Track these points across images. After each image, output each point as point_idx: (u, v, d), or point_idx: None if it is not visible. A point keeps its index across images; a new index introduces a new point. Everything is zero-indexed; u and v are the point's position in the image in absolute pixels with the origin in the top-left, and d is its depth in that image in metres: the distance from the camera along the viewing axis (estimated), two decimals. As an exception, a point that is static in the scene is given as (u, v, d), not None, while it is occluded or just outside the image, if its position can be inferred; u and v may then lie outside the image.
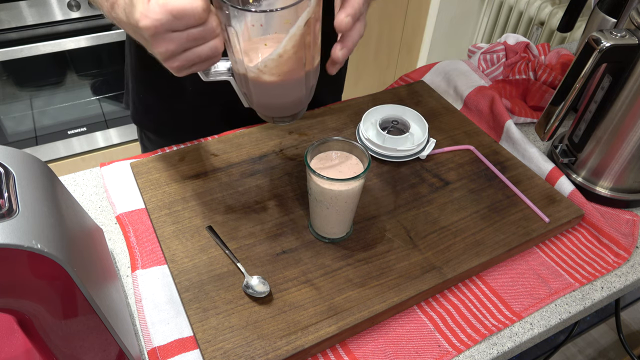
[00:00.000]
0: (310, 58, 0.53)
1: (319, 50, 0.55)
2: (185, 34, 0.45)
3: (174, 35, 0.45)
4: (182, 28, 0.45)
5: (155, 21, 0.43)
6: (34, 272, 0.36)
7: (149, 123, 0.87)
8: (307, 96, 0.58)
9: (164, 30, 0.44)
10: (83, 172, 0.72)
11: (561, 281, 0.61)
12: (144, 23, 0.44)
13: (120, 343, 0.45)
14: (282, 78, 0.53)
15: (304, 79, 0.54)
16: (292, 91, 0.55)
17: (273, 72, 0.52)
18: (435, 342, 0.54)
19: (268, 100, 0.56)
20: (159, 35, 0.45)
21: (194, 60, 0.48)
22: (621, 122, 0.65)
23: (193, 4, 0.43)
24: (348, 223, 0.60)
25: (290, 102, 0.57)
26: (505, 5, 1.88)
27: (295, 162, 0.71)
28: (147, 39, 0.46)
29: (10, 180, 0.38)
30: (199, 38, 0.46)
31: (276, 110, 0.59)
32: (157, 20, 0.43)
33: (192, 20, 0.44)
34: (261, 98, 0.56)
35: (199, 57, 0.48)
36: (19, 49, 1.43)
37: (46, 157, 1.71)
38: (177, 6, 0.43)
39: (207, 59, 0.48)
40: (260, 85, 0.54)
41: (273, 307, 0.54)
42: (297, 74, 0.53)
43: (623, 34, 0.60)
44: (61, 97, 1.65)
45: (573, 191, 0.69)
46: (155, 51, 0.47)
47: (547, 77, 0.86)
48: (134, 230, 0.62)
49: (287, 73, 0.52)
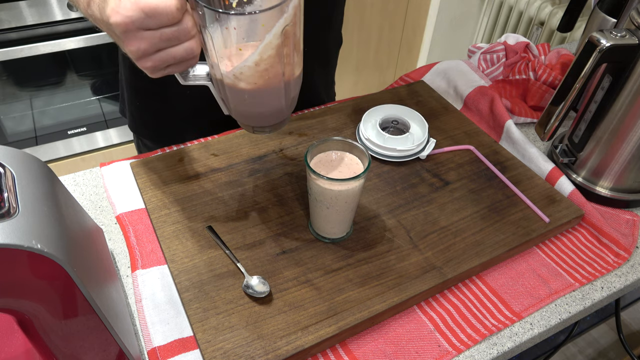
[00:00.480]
0: (289, 68, 0.52)
1: (300, 61, 0.54)
2: (159, 33, 0.44)
3: (146, 34, 0.44)
4: (154, 26, 0.44)
5: (126, 18, 0.43)
6: (34, 272, 0.36)
7: (147, 131, 0.87)
8: (287, 107, 0.56)
9: (135, 27, 0.43)
10: (83, 172, 0.72)
11: (561, 281, 0.61)
12: (115, 19, 0.43)
13: (120, 343, 0.45)
14: (258, 87, 0.51)
15: (282, 89, 0.53)
16: (270, 101, 0.54)
17: (249, 81, 0.50)
18: (435, 342, 0.54)
19: (245, 108, 0.55)
20: (130, 32, 0.44)
21: (167, 61, 0.47)
22: (621, 122, 0.65)
23: (166, 3, 0.42)
24: (348, 223, 0.60)
25: (269, 112, 0.56)
26: (505, 5, 1.88)
27: (295, 162, 0.71)
28: (119, 36, 0.45)
29: (10, 180, 0.38)
30: (172, 38, 0.45)
31: (254, 120, 0.57)
32: (128, 17, 0.43)
33: (165, 19, 0.43)
34: (238, 106, 0.55)
35: (173, 58, 0.46)
36: (19, 49, 1.43)
37: (46, 157, 1.71)
38: (149, 3, 0.42)
39: (182, 61, 0.47)
40: (237, 93, 0.52)
41: (273, 307, 0.54)
42: (275, 83, 0.52)
43: (623, 34, 0.60)
44: (61, 97, 1.65)
45: (573, 191, 0.69)
46: (127, 49, 0.46)
47: (547, 77, 0.86)
48: (134, 230, 0.62)
49: (264, 82, 0.51)
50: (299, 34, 0.50)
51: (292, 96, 0.55)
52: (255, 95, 0.52)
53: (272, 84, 0.51)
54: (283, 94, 0.53)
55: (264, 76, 0.50)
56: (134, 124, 0.88)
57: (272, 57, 0.48)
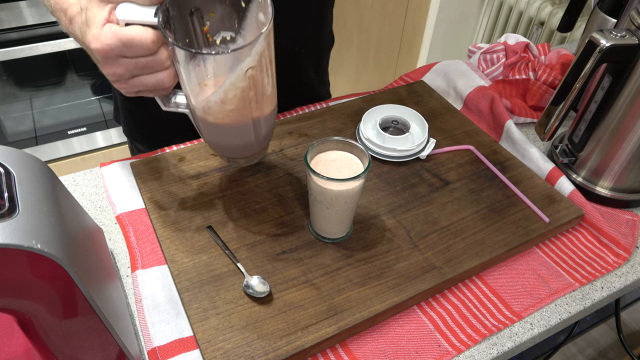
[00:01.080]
0: (257, 108, 0.53)
1: (272, 100, 0.56)
2: (134, 62, 0.47)
3: (122, 61, 0.47)
4: (131, 55, 0.47)
5: (105, 45, 0.46)
6: (34, 272, 0.36)
7: (141, 136, 0.87)
8: (258, 142, 0.58)
9: (113, 55, 0.47)
10: (83, 172, 0.72)
11: (561, 281, 0.61)
12: (95, 45, 0.46)
13: (120, 343, 0.45)
14: (225, 123, 0.53)
15: (251, 126, 0.55)
16: (238, 135, 0.56)
17: (216, 116, 0.52)
18: (435, 342, 0.54)
19: (215, 140, 0.57)
20: (109, 58, 0.47)
21: (139, 87, 0.50)
22: (621, 122, 0.65)
23: (143, 35, 0.45)
24: (348, 223, 0.60)
25: (238, 146, 0.57)
26: (505, 5, 1.88)
27: (295, 162, 0.71)
28: (99, 60, 0.48)
29: (10, 180, 0.38)
30: (146, 67, 0.48)
31: (226, 151, 0.59)
32: (108, 45, 0.46)
33: (140, 49, 0.46)
34: (209, 137, 0.57)
35: (145, 86, 0.50)
36: (19, 49, 1.43)
37: (46, 157, 1.71)
38: (127, 35, 0.45)
39: (153, 89, 0.50)
40: (206, 125, 0.55)
41: (273, 307, 0.54)
42: (242, 121, 0.53)
43: (623, 34, 0.60)
44: (61, 97, 1.65)
45: (573, 191, 0.69)
46: (104, 72, 0.49)
47: (547, 77, 0.86)
48: (134, 230, 0.62)
49: (230, 120, 0.53)
50: (266, 78, 0.52)
51: (263, 132, 0.57)
52: (223, 129, 0.54)
53: (239, 122, 0.53)
54: (252, 130, 0.55)
55: (230, 115, 0.52)
56: (127, 129, 0.89)
57: (238, 98, 0.50)
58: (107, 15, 0.46)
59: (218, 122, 0.53)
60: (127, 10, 0.46)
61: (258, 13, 0.52)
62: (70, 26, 0.50)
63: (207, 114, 0.53)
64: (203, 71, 0.49)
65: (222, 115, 0.52)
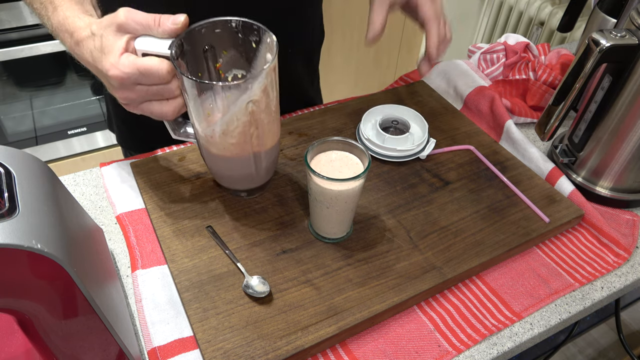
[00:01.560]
0: (258, 142, 0.57)
1: (273, 134, 0.59)
2: (147, 89, 0.51)
3: (137, 88, 0.51)
4: (146, 83, 0.51)
5: (124, 74, 0.49)
6: (34, 272, 0.36)
7: (135, 144, 0.88)
8: (258, 175, 0.62)
9: (130, 82, 0.50)
10: (83, 172, 0.72)
11: (561, 281, 0.61)
12: (114, 73, 0.49)
13: (120, 343, 0.45)
14: (226, 154, 0.57)
15: (251, 159, 0.58)
16: (239, 168, 0.59)
17: (218, 147, 0.56)
18: (435, 342, 0.54)
19: (218, 170, 0.61)
20: (125, 85, 0.51)
21: (147, 113, 0.54)
22: (621, 122, 0.65)
23: (159, 66, 0.49)
24: (348, 223, 0.60)
25: (239, 177, 0.61)
26: (505, 5, 1.88)
27: (295, 162, 0.71)
28: (113, 85, 0.51)
29: (10, 180, 0.38)
30: (157, 94, 0.52)
31: (228, 182, 0.63)
32: (126, 73, 0.49)
33: (156, 78, 0.50)
34: (212, 166, 0.61)
35: (152, 112, 0.54)
36: (19, 49, 1.43)
37: (46, 157, 1.71)
38: (144, 65, 0.49)
39: (160, 115, 0.54)
40: (209, 155, 0.58)
41: (273, 307, 0.54)
42: (243, 153, 0.57)
43: (623, 34, 0.60)
44: (61, 97, 1.65)
45: (573, 191, 0.69)
46: (116, 95, 0.53)
47: (547, 77, 0.86)
48: (134, 230, 0.62)
49: (230, 153, 0.57)
50: (268, 114, 0.55)
51: (264, 166, 0.61)
52: (225, 161, 0.58)
53: (240, 155, 0.57)
54: (252, 163, 0.59)
55: (231, 148, 0.56)
56: (121, 139, 0.90)
57: (239, 131, 0.54)
58: (124, 45, 0.49)
59: (220, 154, 0.57)
60: (145, 42, 0.51)
61: (266, 53, 0.56)
62: (77, 48, 0.52)
63: (210, 144, 0.56)
64: (207, 102, 0.52)
65: (224, 147, 0.56)
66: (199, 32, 0.54)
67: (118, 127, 0.88)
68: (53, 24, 0.55)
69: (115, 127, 0.89)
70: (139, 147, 0.87)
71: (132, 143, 0.89)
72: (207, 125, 0.54)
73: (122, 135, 0.89)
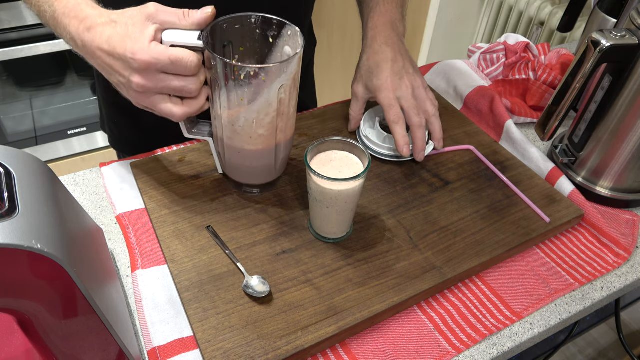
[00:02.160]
0: (282, 128, 0.58)
1: (292, 125, 0.60)
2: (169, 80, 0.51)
3: (160, 76, 0.51)
4: (172, 72, 0.51)
5: (153, 59, 0.49)
6: (34, 272, 0.36)
7: (127, 147, 0.88)
8: (276, 168, 0.63)
9: (155, 69, 0.50)
10: (83, 172, 0.72)
11: (561, 281, 0.61)
12: (142, 57, 0.49)
13: (120, 343, 0.45)
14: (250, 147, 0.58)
15: (273, 148, 0.59)
16: (260, 159, 0.60)
17: (242, 138, 0.57)
18: (435, 342, 0.54)
19: (238, 161, 0.61)
20: (149, 71, 0.50)
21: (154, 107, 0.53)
22: (621, 122, 0.65)
23: (190, 57, 0.50)
24: (348, 223, 0.60)
25: (259, 168, 0.62)
26: (505, 5, 1.88)
27: (295, 162, 0.71)
28: (133, 67, 0.50)
29: (10, 180, 0.38)
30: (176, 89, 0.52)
31: (245, 176, 0.63)
32: (155, 59, 0.49)
33: (184, 69, 0.50)
34: (232, 159, 0.61)
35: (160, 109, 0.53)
36: (19, 49, 1.43)
37: (46, 157, 1.71)
38: (176, 54, 0.49)
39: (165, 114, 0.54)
40: (230, 148, 0.59)
41: (273, 307, 0.54)
42: (268, 143, 0.58)
43: (623, 34, 0.60)
44: (61, 97, 1.65)
45: (573, 191, 0.69)
46: (132, 80, 0.51)
47: (547, 77, 0.86)
48: (134, 230, 0.62)
49: (256, 142, 0.57)
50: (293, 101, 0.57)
51: (282, 157, 0.62)
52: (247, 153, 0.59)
53: (266, 142, 0.58)
54: (274, 155, 0.60)
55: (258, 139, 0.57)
56: (112, 141, 0.90)
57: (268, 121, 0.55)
58: (153, 34, 0.50)
59: (243, 147, 0.58)
60: (174, 34, 0.51)
61: (284, 47, 0.57)
62: (88, 34, 0.52)
63: (234, 136, 0.57)
64: (243, 88, 0.53)
65: (250, 137, 0.57)
66: (222, 27, 0.55)
67: (110, 129, 0.88)
68: (57, 10, 0.54)
69: (107, 129, 0.89)
70: (129, 150, 0.87)
71: (123, 145, 0.89)
72: (237, 113, 0.55)
73: (113, 136, 0.89)
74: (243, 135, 0.57)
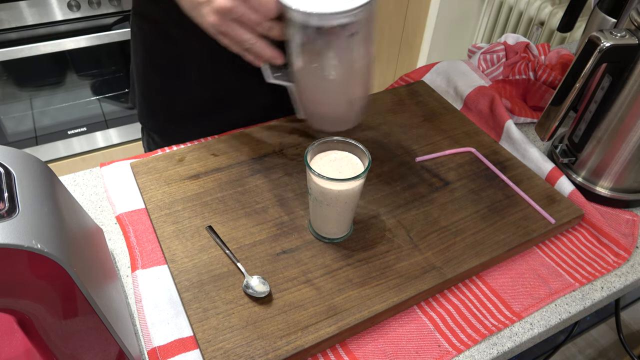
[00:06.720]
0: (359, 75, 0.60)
1: (369, 74, 0.61)
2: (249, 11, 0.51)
3: None
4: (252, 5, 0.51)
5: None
6: (34, 272, 0.36)
7: (154, 123, 0.86)
8: (351, 116, 0.65)
9: None
10: (83, 172, 0.72)
11: (561, 281, 0.61)
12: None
13: (120, 343, 0.45)
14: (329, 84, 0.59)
15: (349, 96, 0.61)
16: (337, 103, 0.62)
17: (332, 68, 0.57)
18: (435, 342, 0.54)
19: (314, 108, 0.63)
20: None
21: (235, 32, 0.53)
22: (621, 122, 0.65)
23: None
24: (348, 223, 0.60)
25: (334, 115, 0.64)
26: (505, 5, 1.88)
27: (295, 162, 0.71)
28: None
29: (10, 180, 0.38)
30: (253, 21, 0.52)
31: (320, 122, 0.66)
32: None
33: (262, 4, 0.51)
34: (309, 104, 0.63)
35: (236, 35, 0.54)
36: (19, 49, 1.43)
37: (46, 157, 1.71)
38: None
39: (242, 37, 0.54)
40: (310, 89, 0.61)
41: (273, 307, 0.54)
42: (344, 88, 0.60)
43: (623, 34, 0.60)
44: (61, 97, 1.65)
45: (573, 191, 0.69)
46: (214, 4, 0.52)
47: (547, 77, 0.86)
48: (134, 230, 0.62)
49: (333, 83, 0.58)
50: (369, 52, 0.58)
51: (357, 105, 0.64)
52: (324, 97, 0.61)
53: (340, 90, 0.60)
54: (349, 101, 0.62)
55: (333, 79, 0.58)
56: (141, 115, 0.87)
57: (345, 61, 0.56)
58: None
59: (319, 93, 0.60)
60: None
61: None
62: None
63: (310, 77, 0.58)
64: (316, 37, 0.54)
65: (322, 78, 0.58)
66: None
67: (139, 103, 0.86)
68: None
69: (137, 102, 0.87)
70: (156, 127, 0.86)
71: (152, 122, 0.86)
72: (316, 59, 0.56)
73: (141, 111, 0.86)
74: (316, 83, 0.58)
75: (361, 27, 0.54)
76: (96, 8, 1.48)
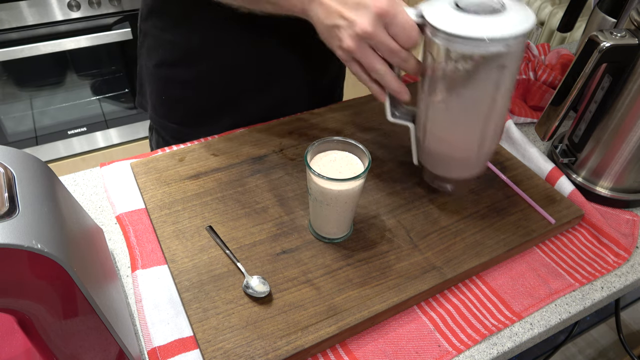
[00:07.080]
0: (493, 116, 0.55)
1: (504, 114, 0.57)
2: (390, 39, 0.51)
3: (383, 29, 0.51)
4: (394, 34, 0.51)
5: (390, 6, 0.49)
6: (34, 272, 0.36)
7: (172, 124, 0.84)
8: (477, 161, 0.60)
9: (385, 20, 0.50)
10: (83, 172, 0.72)
11: (561, 281, 0.61)
12: (381, 4, 0.49)
13: (120, 343, 0.45)
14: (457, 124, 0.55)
15: (478, 138, 0.56)
16: (464, 146, 0.58)
17: (453, 117, 0.55)
18: (435, 342, 0.54)
19: (437, 149, 0.59)
20: (378, 21, 0.50)
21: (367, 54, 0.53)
22: (621, 122, 0.65)
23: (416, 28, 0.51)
24: (348, 223, 0.60)
25: (458, 159, 0.59)
26: (505, 5, 1.88)
27: (295, 162, 0.71)
28: (365, 8, 0.50)
29: (10, 180, 0.38)
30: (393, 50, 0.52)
31: (441, 166, 0.62)
32: (392, 7, 0.49)
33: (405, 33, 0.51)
34: (432, 145, 0.59)
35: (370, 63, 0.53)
36: (19, 49, 1.43)
37: (46, 157, 1.71)
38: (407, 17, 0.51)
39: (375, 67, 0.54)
40: (435, 132, 0.58)
41: (273, 307, 0.54)
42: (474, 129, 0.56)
43: (623, 34, 0.60)
44: (61, 97, 1.65)
45: (573, 191, 0.69)
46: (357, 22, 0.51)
47: (547, 77, 0.86)
48: (134, 230, 0.62)
49: (464, 124, 0.55)
50: (507, 92, 0.54)
51: (486, 150, 0.59)
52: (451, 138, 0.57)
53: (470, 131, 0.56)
54: (477, 145, 0.57)
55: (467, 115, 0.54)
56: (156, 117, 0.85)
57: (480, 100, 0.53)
58: None
59: (446, 133, 0.57)
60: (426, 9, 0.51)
61: None
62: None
63: (442, 118, 0.55)
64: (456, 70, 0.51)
65: (456, 122, 0.55)
66: None
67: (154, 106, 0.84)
68: None
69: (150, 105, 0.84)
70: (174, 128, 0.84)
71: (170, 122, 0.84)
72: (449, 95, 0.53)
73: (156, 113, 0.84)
74: (449, 120, 0.55)
75: (511, 61, 0.50)
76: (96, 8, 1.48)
